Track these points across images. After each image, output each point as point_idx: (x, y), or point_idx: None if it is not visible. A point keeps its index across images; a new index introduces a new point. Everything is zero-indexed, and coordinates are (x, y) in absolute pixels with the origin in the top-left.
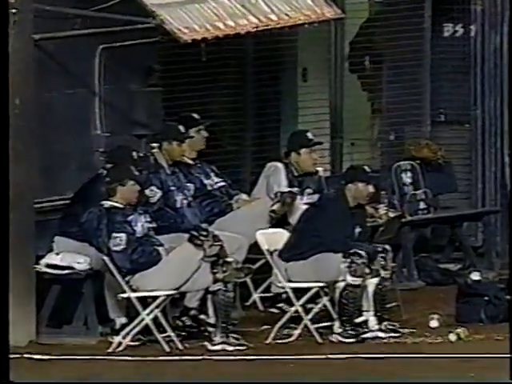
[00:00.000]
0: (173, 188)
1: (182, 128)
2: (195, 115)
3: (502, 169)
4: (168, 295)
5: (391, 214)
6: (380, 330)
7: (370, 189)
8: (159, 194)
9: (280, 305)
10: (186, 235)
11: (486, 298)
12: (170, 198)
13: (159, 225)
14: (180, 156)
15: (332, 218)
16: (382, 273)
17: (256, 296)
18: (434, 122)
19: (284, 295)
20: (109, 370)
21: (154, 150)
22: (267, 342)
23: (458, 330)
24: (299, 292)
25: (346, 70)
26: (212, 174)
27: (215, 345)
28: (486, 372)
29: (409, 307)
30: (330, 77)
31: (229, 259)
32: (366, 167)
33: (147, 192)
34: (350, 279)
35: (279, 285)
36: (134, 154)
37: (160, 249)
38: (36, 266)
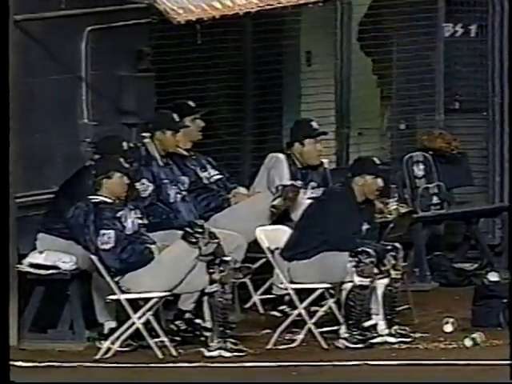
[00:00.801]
0: (166, 181)
1: (176, 116)
2: (190, 103)
3: None
4: (161, 297)
5: (402, 210)
6: (390, 334)
7: (379, 182)
8: (151, 187)
9: (282, 307)
10: (180, 232)
11: (505, 301)
12: (162, 191)
13: (151, 221)
14: (174, 147)
15: (338, 213)
16: (392, 273)
17: (256, 298)
18: (448, 109)
19: (286, 297)
20: (97, 379)
21: (146, 140)
22: (268, 347)
23: (474, 335)
24: (302, 294)
25: (354, 53)
26: (208, 167)
27: (212, 351)
28: (505, 380)
29: (421, 310)
30: (336, 61)
31: (226, 258)
32: (374, 159)
33: (138, 185)
34: (357, 280)
35: (281, 286)
36: (124, 144)
37: (152, 247)
38: (18, 265)
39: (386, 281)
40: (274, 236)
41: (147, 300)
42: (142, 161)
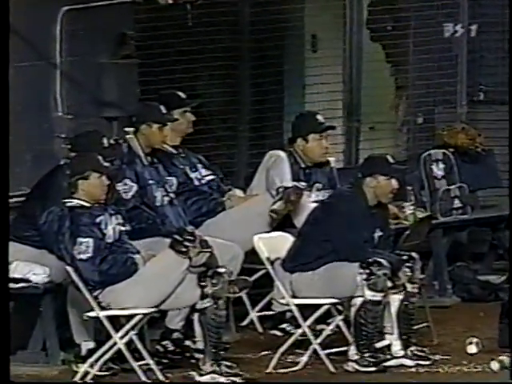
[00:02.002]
0: (151, 182)
1: (163, 108)
2: (180, 94)
3: None
4: (145, 314)
5: (419, 215)
6: (406, 356)
7: (394, 184)
8: (134, 188)
9: (283, 326)
10: (168, 240)
11: None
12: (147, 193)
13: (134, 227)
14: (160, 143)
15: (346, 219)
16: (409, 286)
17: (254, 315)
18: (471, 101)
19: (288, 314)
20: None
21: (129, 136)
22: (267, 371)
23: (502, 357)
24: (307, 310)
25: (365, 38)
26: (199, 166)
27: (204, 375)
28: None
29: (441, 329)
30: (345, 46)
31: (220, 270)
32: (388, 157)
33: (119, 187)
34: (368, 294)
35: (282, 301)
36: (104, 140)
37: (136, 257)
38: None
39: (401, 295)
40: (275, 244)
41: (130, 317)
42: (123, 159)
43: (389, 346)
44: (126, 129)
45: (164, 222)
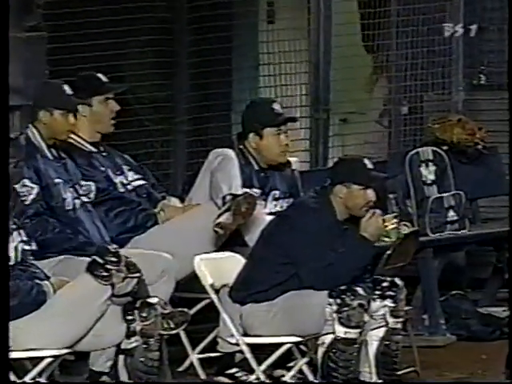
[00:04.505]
0: (58, 180)
1: (68, 89)
2: (100, 76)
3: None
4: (56, 356)
5: (404, 230)
6: None
7: (370, 195)
8: (35, 190)
9: (232, 371)
10: (84, 260)
11: None
12: (53, 195)
13: (37, 239)
14: (66, 133)
15: (311, 236)
16: (390, 321)
17: (194, 357)
18: (470, 85)
19: (238, 356)
20: None
21: (29, 127)
22: None
23: None
24: (262, 351)
25: (335, 5)
26: (125, 168)
27: None
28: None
29: (432, 374)
30: (310, 16)
31: (151, 300)
32: (365, 161)
33: (18, 188)
34: (340, 331)
35: (230, 340)
36: None
37: (44, 284)
38: None
39: (381, 332)
40: (220, 268)
41: (38, 360)
42: (21, 154)
43: None
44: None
45: (78, 229)
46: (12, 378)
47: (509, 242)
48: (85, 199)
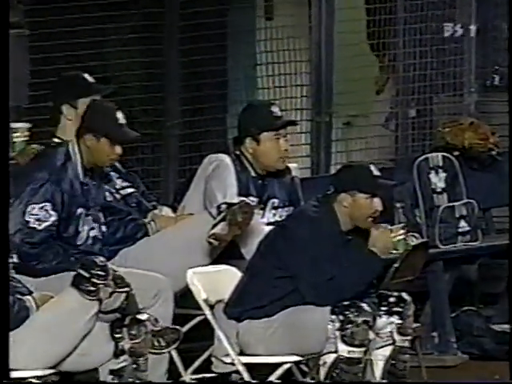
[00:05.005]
0: (80, 211)
1: (121, 117)
2: (86, 76)
3: None
4: (39, 377)
5: (412, 242)
6: None
7: (376, 204)
8: (53, 217)
9: None
10: (69, 274)
11: None
12: (68, 226)
13: (20, 253)
14: (109, 161)
15: (312, 247)
16: (397, 339)
17: (187, 378)
18: (483, 86)
19: (234, 376)
20: None
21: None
22: None
23: None
24: (259, 371)
25: (338, 1)
26: (113, 175)
27: None
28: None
29: None
30: (312, 12)
31: (141, 316)
32: (372, 167)
33: (35, 209)
34: (344, 350)
35: (226, 360)
36: None
37: (26, 299)
38: None
39: (387, 351)
40: (215, 282)
41: (19, 381)
42: (53, 168)
43: None
44: (13, 125)
45: (62, 244)
46: None
47: (509, 241)
48: (103, 228)
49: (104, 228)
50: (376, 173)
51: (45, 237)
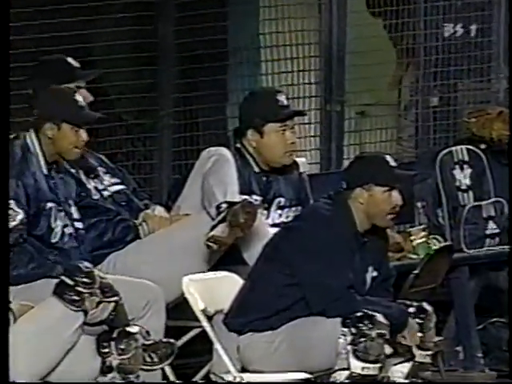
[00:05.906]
0: (50, 205)
1: (80, 99)
2: (70, 60)
3: None
4: None
5: (434, 246)
6: None
7: (396, 198)
8: (20, 215)
9: None
10: (51, 281)
11: None
12: (40, 223)
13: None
14: (75, 151)
15: (323, 252)
16: (417, 354)
17: None
18: None
19: None
20: None
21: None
22: None
23: None
24: None
25: None
26: (100, 171)
27: None
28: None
29: None
30: None
31: (131, 329)
32: (387, 157)
33: None
34: (357, 366)
35: (226, 377)
36: None
37: None
38: None
39: (406, 367)
40: (214, 290)
41: None
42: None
43: None
44: None
45: (60, 263)
46: None
47: (510, 244)
48: (78, 225)
49: (79, 225)
50: (393, 163)
51: (15, 238)
